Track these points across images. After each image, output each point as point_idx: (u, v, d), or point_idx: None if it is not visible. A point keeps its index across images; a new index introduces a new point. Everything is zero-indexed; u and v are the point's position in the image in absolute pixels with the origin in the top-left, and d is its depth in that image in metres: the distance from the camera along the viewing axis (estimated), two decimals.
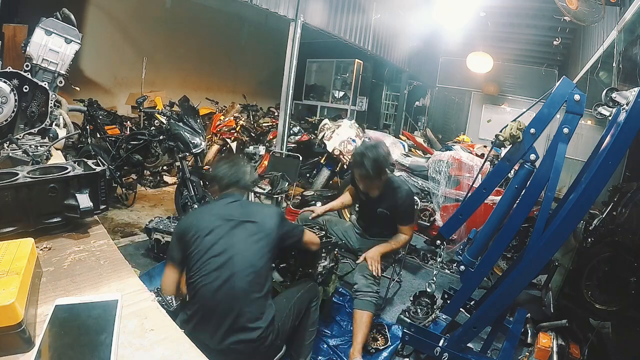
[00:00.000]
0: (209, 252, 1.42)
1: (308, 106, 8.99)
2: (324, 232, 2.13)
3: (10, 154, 1.33)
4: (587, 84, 4.39)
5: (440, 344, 1.95)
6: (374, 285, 2.09)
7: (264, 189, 3.46)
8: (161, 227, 2.80)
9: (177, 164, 3.35)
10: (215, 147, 5.62)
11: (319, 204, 3.37)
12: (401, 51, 7.50)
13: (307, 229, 1.77)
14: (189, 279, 1.46)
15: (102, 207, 1.09)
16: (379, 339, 2.19)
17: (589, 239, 3.06)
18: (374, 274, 2.13)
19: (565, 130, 1.65)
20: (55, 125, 1.66)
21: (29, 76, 1.50)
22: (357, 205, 2.61)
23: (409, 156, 4.31)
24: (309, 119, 7.35)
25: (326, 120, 5.29)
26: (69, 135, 1.76)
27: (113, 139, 4.08)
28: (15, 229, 0.91)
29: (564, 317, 2.35)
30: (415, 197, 3.21)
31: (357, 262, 2.22)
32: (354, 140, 4.80)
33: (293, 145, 5.21)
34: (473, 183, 2.21)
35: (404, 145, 5.14)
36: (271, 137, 5.77)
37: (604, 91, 1.66)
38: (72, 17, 1.73)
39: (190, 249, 1.45)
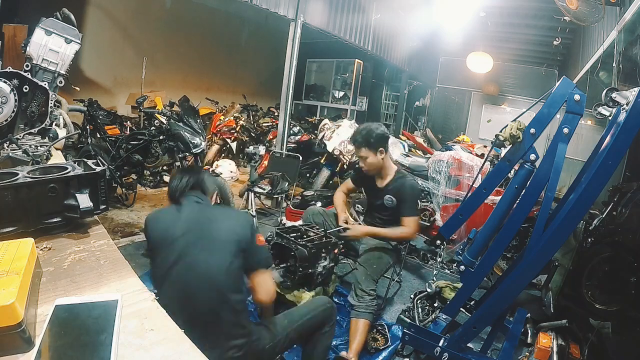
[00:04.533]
0: (164, 270, 1.22)
1: (308, 106, 8.99)
2: (324, 232, 2.13)
3: (10, 154, 1.33)
4: (587, 84, 4.38)
5: (440, 344, 1.95)
6: (368, 298, 2.06)
7: (264, 189, 3.46)
8: None
9: (177, 164, 3.36)
10: (215, 147, 5.62)
11: (319, 203, 3.37)
12: (401, 51, 7.50)
13: (269, 275, 1.36)
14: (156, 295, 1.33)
15: (102, 207, 1.09)
16: (379, 339, 2.19)
17: (589, 239, 3.06)
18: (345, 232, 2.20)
19: (565, 130, 1.65)
20: (55, 125, 1.66)
21: (29, 76, 1.50)
22: (365, 201, 2.66)
23: (409, 156, 4.31)
24: (309, 119, 7.35)
25: (326, 120, 5.30)
26: (69, 135, 1.76)
27: (113, 139, 4.08)
28: (15, 229, 0.91)
29: (564, 317, 2.34)
30: None
31: (342, 234, 2.23)
32: None
33: (293, 145, 5.21)
34: (473, 183, 2.21)
35: (404, 145, 5.14)
36: (271, 137, 5.78)
37: (604, 91, 1.66)
38: (72, 17, 1.72)
39: (153, 262, 1.28)
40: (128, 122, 5.29)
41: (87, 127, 4.45)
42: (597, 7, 3.08)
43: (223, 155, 5.75)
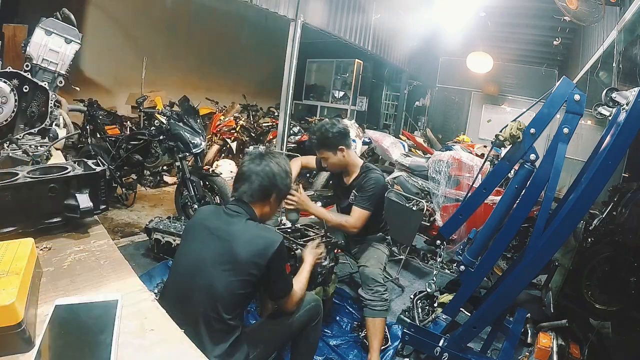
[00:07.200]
0: (178, 264, 1.32)
1: (308, 106, 8.99)
2: (324, 232, 2.13)
3: (10, 154, 1.33)
4: (587, 84, 4.38)
5: (440, 344, 1.95)
6: (381, 288, 2.05)
7: None
8: (161, 227, 2.79)
9: (177, 164, 3.35)
10: (215, 147, 5.62)
11: (319, 203, 3.37)
12: (401, 51, 7.51)
13: (288, 299, 1.38)
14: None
15: (102, 207, 1.09)
16: None
17: (589, 239, 3.06)
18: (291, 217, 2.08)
19: (565, 130, 1.65)
20: (55, 125, 1.66)
21: (29, 76, 1.50)
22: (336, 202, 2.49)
23: (409, 156, 4.31)
24: (309, 119, 7.35)
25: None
26: (69, 135, 1.76)
27: (113, 139, 4.07)
28: (15, 229, 0.91)
29: (564, 317, 2.35)
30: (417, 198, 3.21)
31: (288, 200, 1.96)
32: (354, 140, 4.80)
33: (293, 145, 5.21)
34: (473, 183, 2.21)
35: (404, 145, 5.14)
36: (271, 137, 5.77)
37: (604, 91, 1.66)
38: (72, 17, 1.73)
39: (179, 247, 1.37)
40: (128, 122, 5.29)
41: (87, 127, 4.45)
42: (597, 7, 3.08)
43: (223, 155, 5.74)
